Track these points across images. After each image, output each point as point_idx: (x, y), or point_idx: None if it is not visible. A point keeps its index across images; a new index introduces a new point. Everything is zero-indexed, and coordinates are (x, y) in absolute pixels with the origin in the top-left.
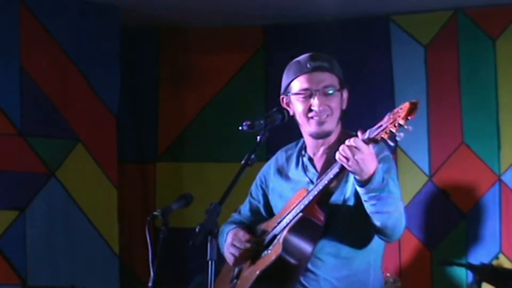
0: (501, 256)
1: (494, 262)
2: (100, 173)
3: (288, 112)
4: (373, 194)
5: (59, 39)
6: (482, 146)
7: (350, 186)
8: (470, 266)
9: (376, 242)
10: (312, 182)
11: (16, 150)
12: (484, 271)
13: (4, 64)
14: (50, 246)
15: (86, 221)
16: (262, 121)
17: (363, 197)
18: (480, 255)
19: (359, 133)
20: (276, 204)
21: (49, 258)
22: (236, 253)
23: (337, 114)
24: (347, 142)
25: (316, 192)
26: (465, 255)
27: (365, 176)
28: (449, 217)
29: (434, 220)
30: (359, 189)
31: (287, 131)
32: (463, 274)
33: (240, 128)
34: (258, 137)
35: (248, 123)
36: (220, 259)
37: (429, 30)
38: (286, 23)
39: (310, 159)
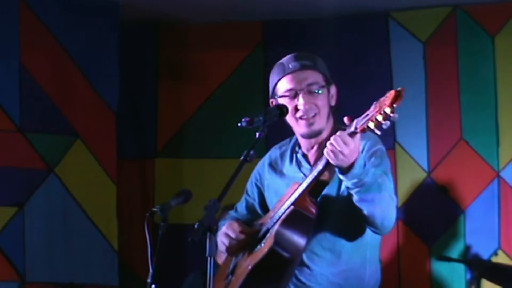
0: (500, 252)
1: (493, 258)
2: (99, 169)
3: (287, 108)
4: (355, 180)
5: (58, 35)
6: (481, 142)
7: None
8: (469, 262)
9: (372, 236)
10: (306, 177)
11: (15, 146)
12: (483, 267)
13: (4, 61)
14: (48, 243)
15: (85, 217)
16: (261, 117)
17: (347, 184)
18: (479, 251)
19: (345, 120)
20: (272, 200)
21: (47, 254)
22: (227, 242)
23: (325, 112)
24: (332, 139)
25: (306, 184)
26: (464, 251)
27: (346, 165)
28: (448, 213)
29: (432, 216)
30: (341, 177)
31: (286, 127)
32: (462, 271)
33: (239, 124)
34: (257, 133)
35: (247, 119)
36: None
37: (428, 26)
38: (285, 19)
39: (304, 155)
